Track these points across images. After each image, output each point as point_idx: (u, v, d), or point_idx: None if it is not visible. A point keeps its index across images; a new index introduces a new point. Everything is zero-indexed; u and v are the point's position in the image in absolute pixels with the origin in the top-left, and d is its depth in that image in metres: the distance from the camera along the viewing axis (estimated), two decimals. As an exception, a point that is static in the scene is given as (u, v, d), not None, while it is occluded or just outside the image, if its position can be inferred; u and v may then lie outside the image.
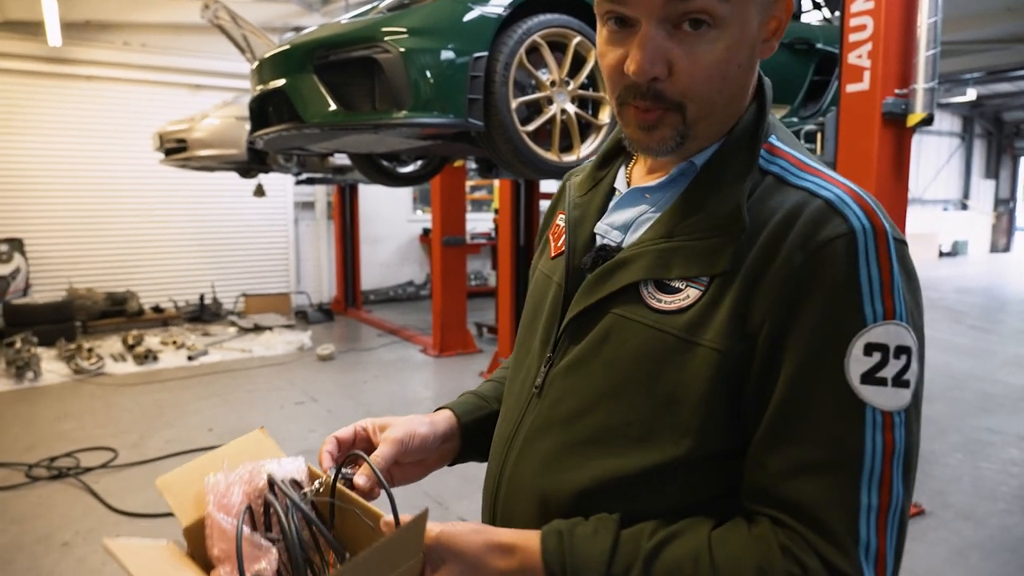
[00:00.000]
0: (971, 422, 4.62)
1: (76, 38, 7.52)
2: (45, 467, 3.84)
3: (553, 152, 2.89)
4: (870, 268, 0.65)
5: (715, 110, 0.72)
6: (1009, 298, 10.66)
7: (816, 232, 0.66)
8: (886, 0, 2.97)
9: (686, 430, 0.70)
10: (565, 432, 0.77)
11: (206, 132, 5.65)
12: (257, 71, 2.98)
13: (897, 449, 0.64)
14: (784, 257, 0.66)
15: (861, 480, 0.63)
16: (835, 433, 0.64)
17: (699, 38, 0.67)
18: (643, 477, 0.71)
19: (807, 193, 0.70)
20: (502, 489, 0.83)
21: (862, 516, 0.63)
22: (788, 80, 3.84)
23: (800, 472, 0.65)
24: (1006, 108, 17.65)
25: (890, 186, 3.11)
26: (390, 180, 4.36)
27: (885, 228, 0.67)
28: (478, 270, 10.90)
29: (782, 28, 0.73)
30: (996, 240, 18.88)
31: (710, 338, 0.68)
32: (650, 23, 0.67)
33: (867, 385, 0.64)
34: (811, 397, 0.65)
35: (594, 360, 0.76)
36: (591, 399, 0.75)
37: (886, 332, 0.65)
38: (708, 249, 0.70)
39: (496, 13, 2.65)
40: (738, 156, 0.74)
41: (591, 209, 0.85)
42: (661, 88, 0.69)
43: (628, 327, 0.74)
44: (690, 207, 0.74)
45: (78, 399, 5.19)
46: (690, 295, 0.70)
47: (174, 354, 6.53)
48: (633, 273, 0.74)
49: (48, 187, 7.69)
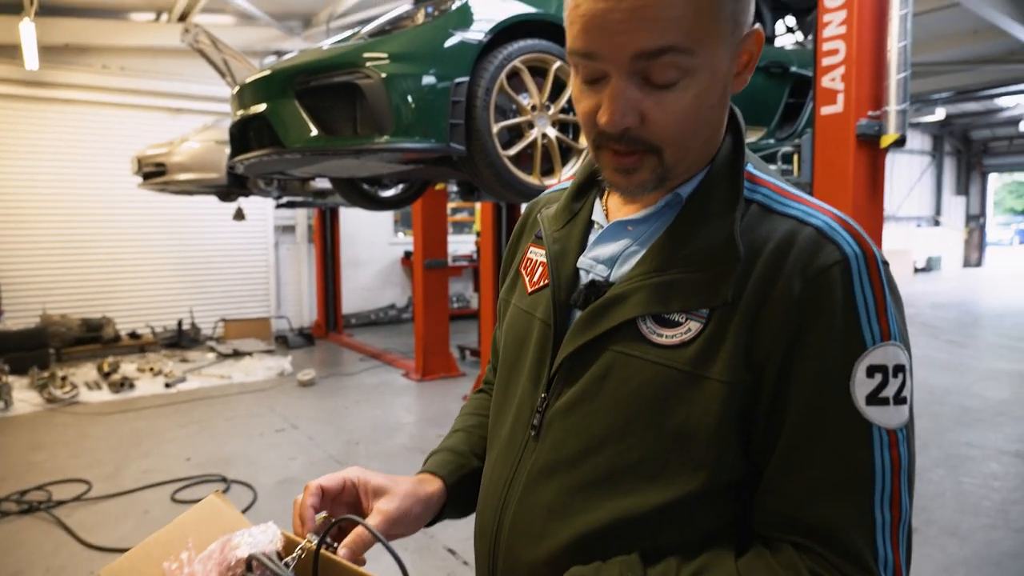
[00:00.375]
0: (951, 437, 4.66)
1: (54, 61, 7.47)
2: (15, 501, 3.73)
3: (535, 176, 2.91)
4: (865, 292, 0.68)
5: (691, 151, 0.73)
6: (983, 312, 10.85)
7: (812, 260, 0.68)
8: (858, 25, 3.04)
9: (700, 464, 0.70)
10: (571, 474, 0.75)
11: (185, 156, 5.61)
12: (238, 96, 2.97)
13: (903, 465, 0.67)
14: (783, 286, 0.68)
15: (875, 499, 0.65)
16: (848, 455, 0.66)
17: (669, 88, 0.67)
18: (659, 514, 0.70)
19: (796, 221, 0.71)
20: (503, 537, 0.80)
21: (879, 533, 0.65)
22: (764, 103, 3.90)
23: (818, 496, 0.66)
24: (974, 127, 18.12)
25: (866, 205, 3.16)
26: (372, 204, 4.35)
27: (874, 252, 0.70)
28: (460, 292, 10.87)
29: (753, 60, 0.73)
30: (969, 255, 19.26)
31: (717, 371, 0.68)
32: (619, 76, 0.67)
33: (872, 406, 0.66)
34: (822, 422, 0.67)
35: (595, 399, 0.74)
36: (596, 439, 0.74)
37: (885, 353, 0.67)
38: (706, 281, 0.70)
39: (477, 39, 2.66)
40: (721, 187, 0.74)
41: (571, 243, 0.84)
42: (636, 134, 0.69)
43: (630, 364, 0.72)
44: (680, 239, 0.74)
45: (51, 429, 5.07)
46: (692, 328, 0.70)
47: (151, 381, 6.42)
48: (631, 309, 0.73)
49: (23, 211, 7.58)
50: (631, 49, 0.65)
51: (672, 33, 0.64)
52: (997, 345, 8.02)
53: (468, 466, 0.95)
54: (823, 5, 3.15)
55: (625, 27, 0.64)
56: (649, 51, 0.65)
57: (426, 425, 5.17)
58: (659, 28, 0.64)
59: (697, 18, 0.65)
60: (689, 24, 0.64)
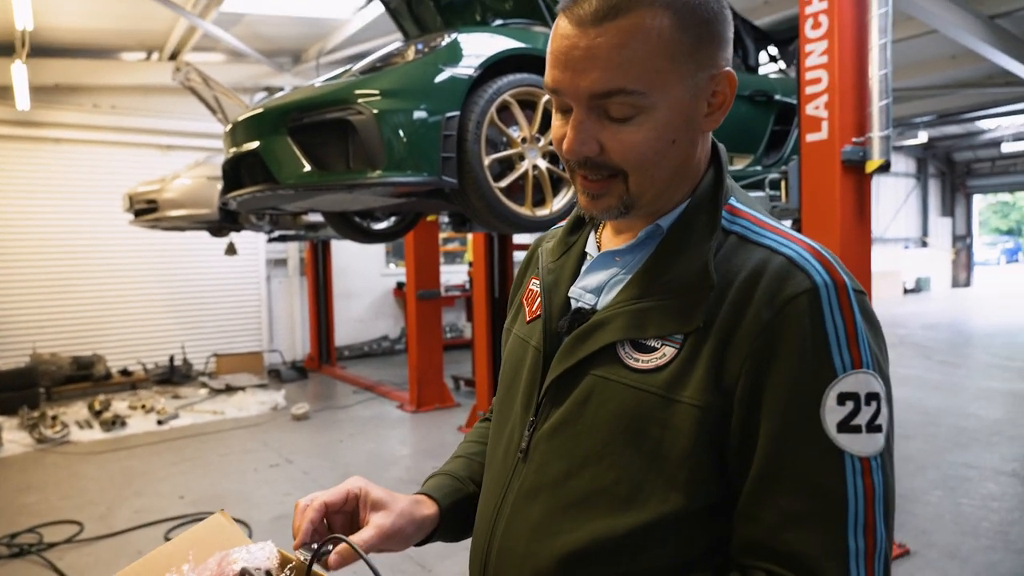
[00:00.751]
0: (948, 458, 4.67)
1: (45, 101, 7.51)
2: (5, 544, 3.66)
3: (526, 207, 2.93)
4: (835, 321, 0.69)
5: (657, 182, 0.76)
6: (974, 332, 10.91)
7: (781, 288, 0.70)
8: (839, 55, 3.11)
9: (673, 486, 0.71)
10: (553, 496, 0.77)
11: (177, 192, 5.63)
12: (231, 134, 3.00)
13: (877, 493, 0.67)
14: (753, 313, 0.70)
15: (847, 527, 0.66)
16: (819, 483, 0.67)
17: (623, 122, 0.72)
18: (636, 535, 0.72)
19: (769, 251, 0.74)
20: (492, 558, 0.82)
21: (851, 561, 0.65)
22: (750, 131, 3.97)
23: (791, 524, 0.67)
24: (956, 149, 18.40)
25: (854, 229, 3.21)
26: (364, 237, 4.37)
27: (845, 281, 0.71)
28: (453, 322, 10.87)
29: (727, 102, 0.77)
30: (957, 275, 19.42)
31: (689, 395, 0.71)
32: (579, 108, 0.73)
33: (843, 433, 0.67)
34: (793, 449, 0.67)
35: (577, 422, 0.77)
36: (577, 461, 0.76)
37: (856, 381, 0.68)
38: (680, 308, 0.73)
39: (467, 74, 2.71)
40: (701, 218, 0.78)
41: (564, 273, 0.88)
42: (598, 160, 0.74)
43: (608, 387, 0.75)
44: (660, 268, 0.77)
45: (41, 470, 5.00)
46: (666, 353, 0.73)
47: (143, 419, 6.35)
48: (610, 334, 0.77)
49: (12, 250, 7.56)
50: (585, 89, 0.71)
51: (621, 78, 0.69)
52: (989, 365, 8.06)
53: (464, 491, 0.96)
54: (804, 36, 3.22)
55: (583, 66, 0.70)
56: (600, 93, 0.70)
57: (422, 457, 5.13)
58: (609, 72, 0.69)
59: (648, 62, 0.69)
60: (639, 68, 0.69)
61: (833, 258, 0.73)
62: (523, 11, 3.35)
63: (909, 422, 5.52)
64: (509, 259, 6.02)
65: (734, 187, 0.83)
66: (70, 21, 6.61)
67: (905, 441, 5.05)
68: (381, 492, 0.87)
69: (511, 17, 3.37)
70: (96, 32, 7.00)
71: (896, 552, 3.27)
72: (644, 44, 0.68)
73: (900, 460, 4.60)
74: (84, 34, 7.01)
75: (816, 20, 3.16)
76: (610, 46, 0.68)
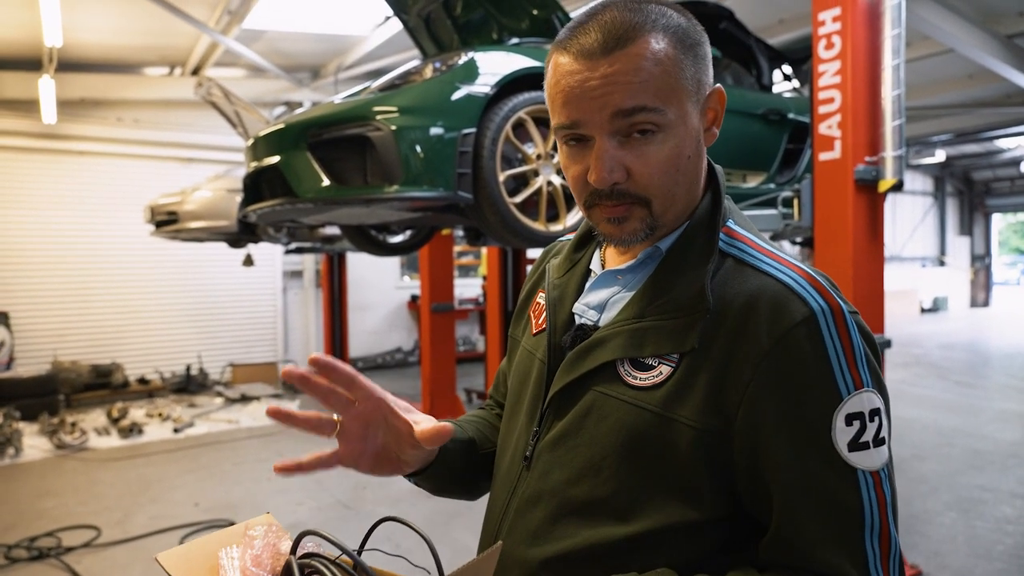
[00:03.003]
0: (962, 480, 4.62)
1: (70, 115, 7.68)
2: (25, 548, 3.73)
3: (540, 222, 2.98)
4: (835, 345, 0.72)
5: (676, 200, 0.80)
6: (992, 353, 10.78)
7: (780, 317, 0.72)
8: (852, 75, 3.14)
9: (667, 500, 0.74)
10: (553, 503, 0.81)
11: (197, 204, 5.74)
12: (252, 148, 3.07)
13: (888, 501, 0.72)
14: (752, 340, 0.72)
15: (865, 536, 0.71)
16: (840, 502, 0.71)
17: (647, 143, 0.75)
18: (629, 545, 0.75)
19: (767, 277, 0.76)
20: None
21: (871, 565, 0.71)
22: (763, 149, 3.99)
23: (819, 545, 0.70)
24: (974, 168, 18.26)
25: (866, 248, 3.21)
26: (380, 250, 4.43)
27: (840, 306, 0.74)
28: (466, 335, 10.90)
29: (719, 116, 0.81)
30: (975, 295, 19.20)
31: (686, 415, 0.74)
32: (602, 137, 0.75)
33: (855, 452, 0.71)
34: (815, 474, 0.71)
35: (578, 434, 0.81)
36: (576, 471, 0.80)
37: (860, 401, 0.72)
38: (677, 328, 0.76)
39: (483, 92, 2.76)
40: (699, 240, 0.81)
41: (569, 290, 0.91)
42: (624, 188, 0.77)
43: (608, 403, 0.79)
44: (658, 289, 0.80)
45: (60, 475, 5.08)
46: (663, 372, 0.76)
47: (159, 426, 6.43)
48: (609, 352, 0.80)
49: (36, 260, 7.70)
50: (609, 109, 0.74)
51: (642, 95, 0.73)
52: (1007, 386, 7.96)
53: (461, 435, 0.98)
54: (818, 56, 3.25)
55: (601, 91, 0.73)
56: (625, 109, 0.73)
57: (433, 470, 5.14)
58: (631, 90, 0.73)
59: (662, 81, 0.74)
60: (656, 86, 0.73)
61: (827, 283, 0.76)
62: (539, 30, 3.40)
63: (924, 443, 5.47)
64: (523, 274, 6.05)
65: (732, 209, 0.86)
66: (97, 37, 6.78)
67: (919, 462, 5.01)
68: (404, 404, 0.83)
69: (527, 36, 3.43)
70: (121, 48, 7.17)
71: (909, 573, 3.25)
72: (655, 66, 0.73)
73: (914, 481, 4.56)
74: (110, 50, 7.18)
75: (829, 41, 3.19)
76: (626, 71, 0.72)
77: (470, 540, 0.88)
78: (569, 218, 3.06)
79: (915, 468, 4.85)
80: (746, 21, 4.52)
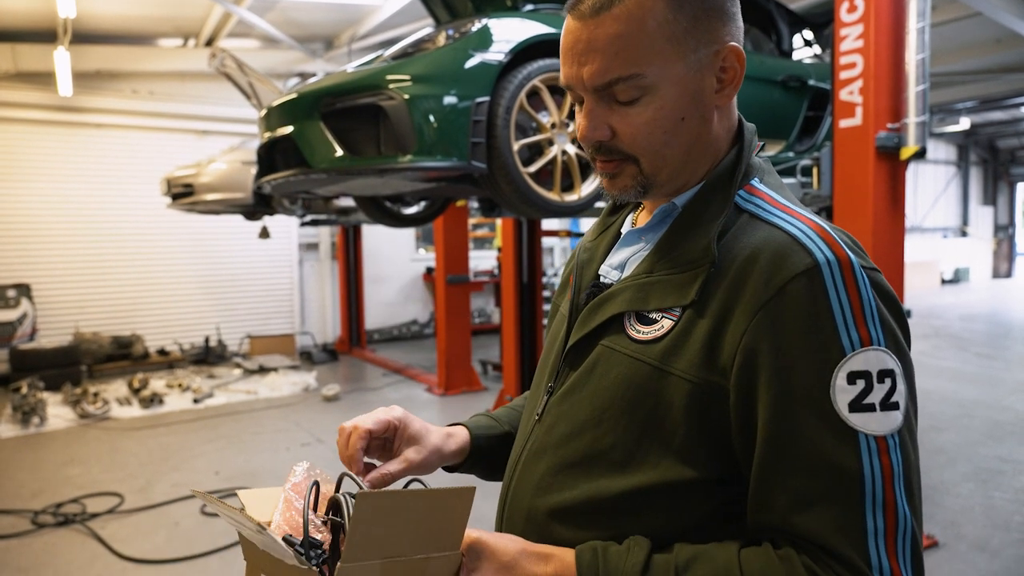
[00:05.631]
0: (981, 451, 4.59)
1: (86, 87, 7.70)
2: (51, 514, 3.83)
3: (555, 192, 2.95)
4: (840, 298, 0.68)
5: (670, 160, 0.79)
6: (1014, 324, 10.65)
7: (780, 267, 0.70)
8: (875, 39, 3.05)
9: (664, 455, 0.73)
10: (556, 455, 0.82)
11: (213, 176, 5.75)
12: (265, 119, 3.06)
13: (896, 471, 0.66)
14: (751, 291, 0.70)
15: (864, 506, 0.65)
16: (833, 463, 0.66)
17: (630, 104, 0.76)
18: (626, 499, 0.75)
19: (774, 228, 0.74)
20: (505, 510, 0.88)
21: (870, 540, 0.64)
22: (782, 116, 3.92)
23: (805, 506, 0.66)
24: (1000, 136, 17.84)
25: (886, 217, 3.16)
26: (395, 221, 4.43)
27: (850, 258, 0.70)
28: (481, 307, 10.93)
29: (738, 76, 0.78)
30: (998, 266, 18.90)
31: (682, 368, 0.72)
32: (589, 97, 0.78)
33: (856, 413, 0.66)
34: (804, 431, 0.67)
35: (583, 388, 0.81)
36: (578, 424, 0.80)
37: (866, 359, 0.67)
38: (681, 282, 0.76)
39: (497, 60, 2.73)
40: (716, 197, 0.79)
41: (598, 252, 0.92)
42: (611, 145, 0.78)
43: (612, 357, 0.79)
44: (670, 244, 0.80)
45: (84, 444, 5.19)
46: (664, 325, 0.76)
47: (179, 397, 6.53)
48: (616, 305, 0.80)
49: (56, 233, 7.79)
50: (588, 82, 0.76)
51: (617, 67, 0.74)
52: (1028, 357, 7.87)
53: (499, 430, 1.01)
54: (839, 19, 3.17)
55: (585, 58, 0.75)
56: (599, 86, 0.75)
57: (449, 440, 5.20)
58: (606, 61, 0.74)
59: (643, 45, 0.73)
60: (635, 52, 0.73)
61: (841, 237, 0.73)
62: (554, -4, 3.34)
63: (943, 414, 5.43)
64: (538, 245, 6.03)
65: (763, 168, 0.83)
66: (111, 8, 6.75)
67: (938, 433, 4.98)
68: (418, 425, 0.92)
69: (542, 1, 3.37)
70: (135, 19, 7.14)
71: (925, 543, 3.25)
72: (639, 28, 0.72)
73: (931, 452, 4.54)
74: (124, 21, 7.15)
75: (852, 3, 3.10)
76: (607, 35, 0.73)
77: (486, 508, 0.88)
78: (584, 188, 3.03)
79: (933, 439, 4.82)
80: (766, -15, 4.39)
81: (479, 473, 1.01)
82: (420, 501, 0.64)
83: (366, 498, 0.62)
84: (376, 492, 0.64)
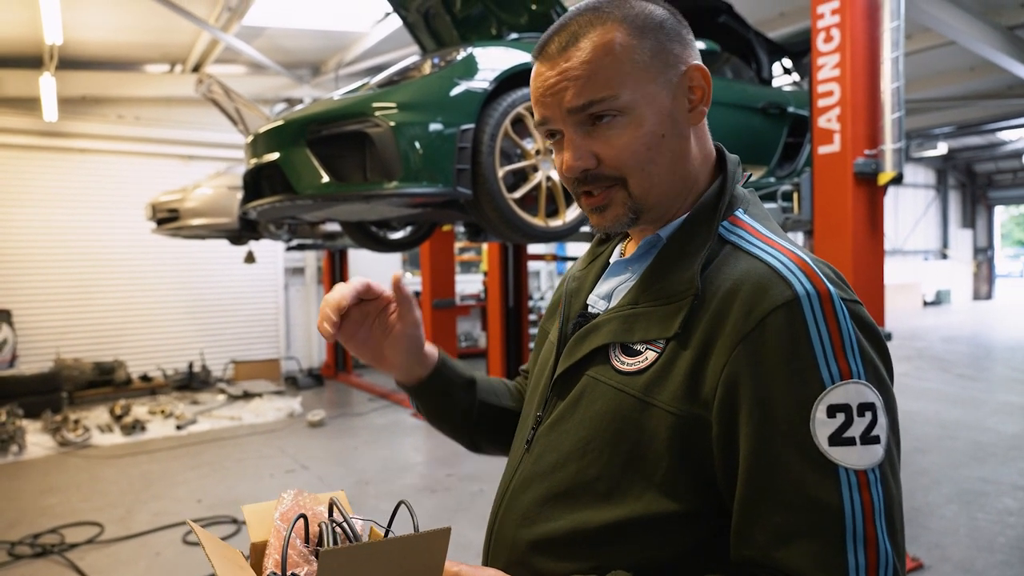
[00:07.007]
0: (964, 472, 4.62)
1: (71, 112, 7.69)
2: (28, 544, 3.74)
3: (539, 217, 2.98)
4: (820, 331, 0.68)
5: (656, 180, 0.79)
6: (994, 345, 10.77)
7: (761, 299, 0.70)
8: (851, 68, 3.13)
9: (647, 488, 0.74)
10: (542, 486, 0.82)
11: (199, 201, 5.75)
12: (252, 145, 3.08)
13: (876, 506, 0.65)
14: (731, 324, 0.71)
15: (846, 541, 0.64)
16: (813, 497, 0.65)
17: (610, 127, 0.77)
18: (607, 531, 0.75)
19: (756, 260, 0.75)
20: (492, 541, 0.87)
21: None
22: (763, 143, 3.99)
23: (786, 540, 0.66)
24: (977, 160, 18.22)
25: (866, 241, 3.21)
26: (381, 246, 4.44)
27: (830, 291, 0.70)
28: (468, 331, 10.91)
29: (706, 94, 0.81)
30: (978, 288, 19.19)
31: (665, 400, 0.73)
32: (568, 129, 0.79)
33: (836, 447, 0.66)
34: (784, 464, 0.66)
35: (570, 418, 0.82)
36: (564, 455, 0.81)
37: (846, 392, 0.67)
38: (665, 314, 0.76)
39: (482, 87, 2.76)
40: (700, 229, 0.80)
41: (587, 281, 0.93)
42: (597, 172, 0.79)
43: (598, 388, 0.80)
44: (655, 276, 0.80)
45: (63, 472, 5.10)
46: (648, 357, 0.76)
47: (162, 424, 6.45)
48: (601, 337, 0.81)
49: (38, 258, 7.72)
50: (564, 106, 0.77)
51: (590, 88, 0.76)
52: (1009, 379, 7.96)
53: (467, 374, 1.03)
54: (816, 49, 3.25)
55: (558, 88, 0.77)
56: (575, 107, 0.77)
57: (436, 465, 5.17)
58: (579, 86, 0.76)
59: (613, 69, 0.75)
60: (606, 76, 0.75)
61: (822, 269, 0.73)
62: (538, 25, 3.40)
63: (926, 435, 5.47)
64: (524, 269, 6.06)
65: (747, 199, 0.84)
66: (98, 35, 6.78)
67: (921, 455, 5.01)
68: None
69: (526, 31, 3.42)
70: (122, 45, 7.17)
71: (909, 566, 3.26)
72: (605, 55, 0.75)
73: (915, 473, 4.57)
74: (110, 47, 7.18)
75: (828, 34, 3.19)
76: (578, 63, 0.76)
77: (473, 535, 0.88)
78: (568, 213, 3.06)
79: (917, 461, 4.85)
80: (746, 14, 4.50)
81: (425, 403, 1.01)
82: (391, 549, 0.62)
83: (329, 556, 0.60)
84: (341, 548, 0.61)
